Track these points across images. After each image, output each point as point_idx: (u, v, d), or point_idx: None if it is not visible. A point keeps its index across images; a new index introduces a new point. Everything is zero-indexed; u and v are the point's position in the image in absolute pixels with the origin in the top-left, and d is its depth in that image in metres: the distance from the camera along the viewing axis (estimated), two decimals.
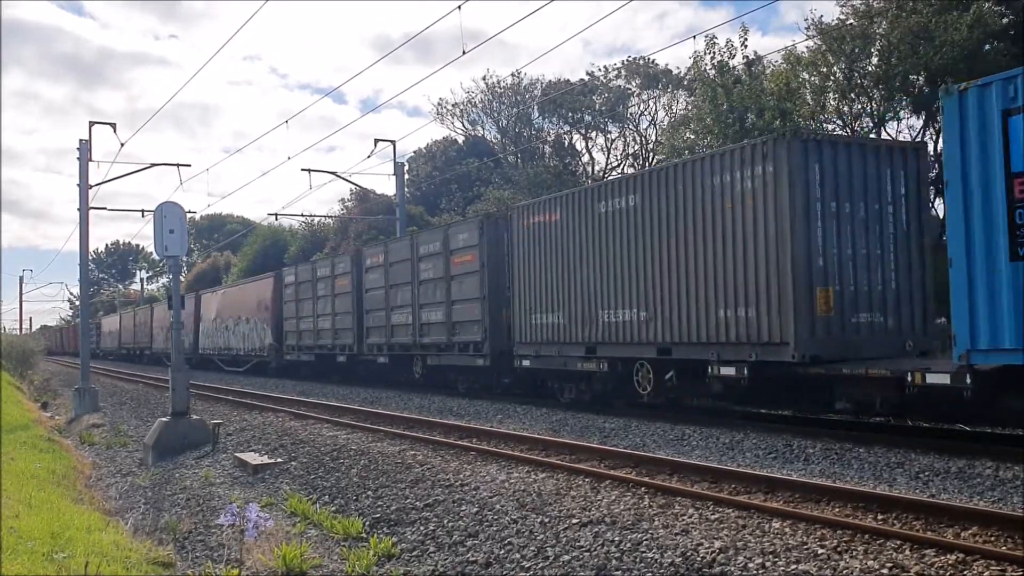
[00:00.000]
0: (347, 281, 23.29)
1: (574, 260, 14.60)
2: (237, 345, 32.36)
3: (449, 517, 7.72)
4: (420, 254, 19.61)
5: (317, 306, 25.19)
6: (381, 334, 21.37)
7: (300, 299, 26.57)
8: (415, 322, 19.58)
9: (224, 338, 34.18)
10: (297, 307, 26.84)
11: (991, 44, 19.28)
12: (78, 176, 23.17)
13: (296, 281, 27.17)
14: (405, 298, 20.08)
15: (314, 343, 25.55)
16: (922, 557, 5.58)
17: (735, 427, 11.63)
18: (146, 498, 10.58)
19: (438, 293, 18.74)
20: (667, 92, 39.59)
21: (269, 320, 28.81)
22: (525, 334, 15.88)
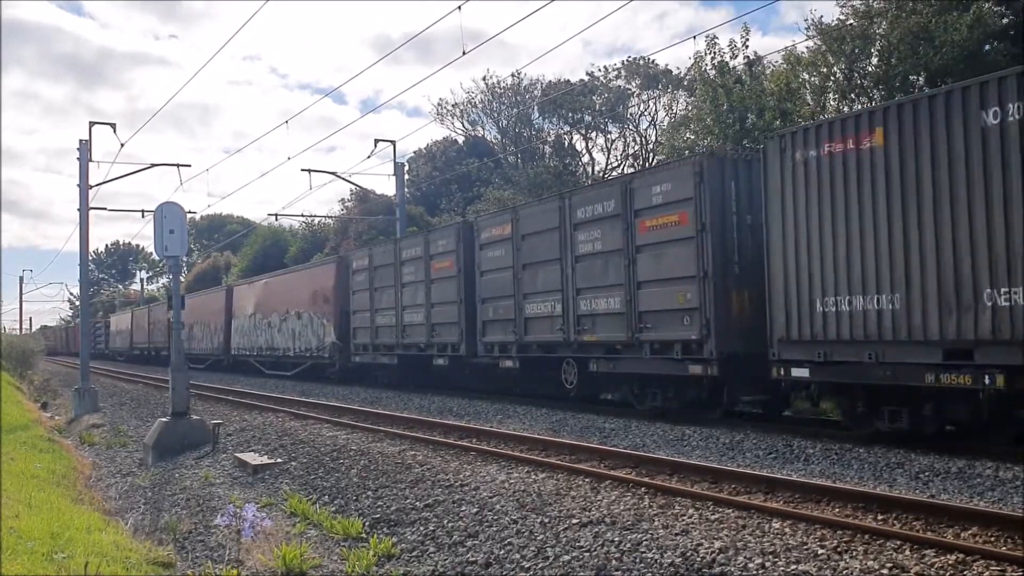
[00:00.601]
0: (450, 262, 18.15)
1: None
2: (284, 344, 27.66)
3: (449, 517, 7.72)
4: (577, 219, 14.20)
5: (402, 295, 20.19)
6: (506, 330, 16.22)
7: (377, 287, 21.45)
8: (568, 313, 14.39)
9: (266, 336, 29.43)
10: (372, 297, 21.68)
11: (991, 44, 19.27)
12: (78, 176, 23.19)
13: (370, 266, 22.01)
14: (551, 281, 14.89)
15: (397, 341, 20.39)
16: (922, 557, 5.58)
17: (735, 427, 11.63)
18: (146, 498, 10.58)
19: (611, 272, 13.45)
20: (667, 92, 39.59)
21: (331, 314, 23.96)
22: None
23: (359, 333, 22.51)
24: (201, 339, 37.46)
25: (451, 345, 18.14)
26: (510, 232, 16.21)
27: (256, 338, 30.44)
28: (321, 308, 24.87)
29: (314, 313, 25.37)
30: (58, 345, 78.25)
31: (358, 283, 22.63)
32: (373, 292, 21.67)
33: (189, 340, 36.94)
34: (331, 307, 24.14)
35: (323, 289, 24.91)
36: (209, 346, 36.43)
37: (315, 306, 25.26)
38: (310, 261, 32.89)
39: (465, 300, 17.50)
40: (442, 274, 18.46)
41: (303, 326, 26.16)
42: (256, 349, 30.43)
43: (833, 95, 21.91)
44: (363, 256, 23.01)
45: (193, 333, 37.35)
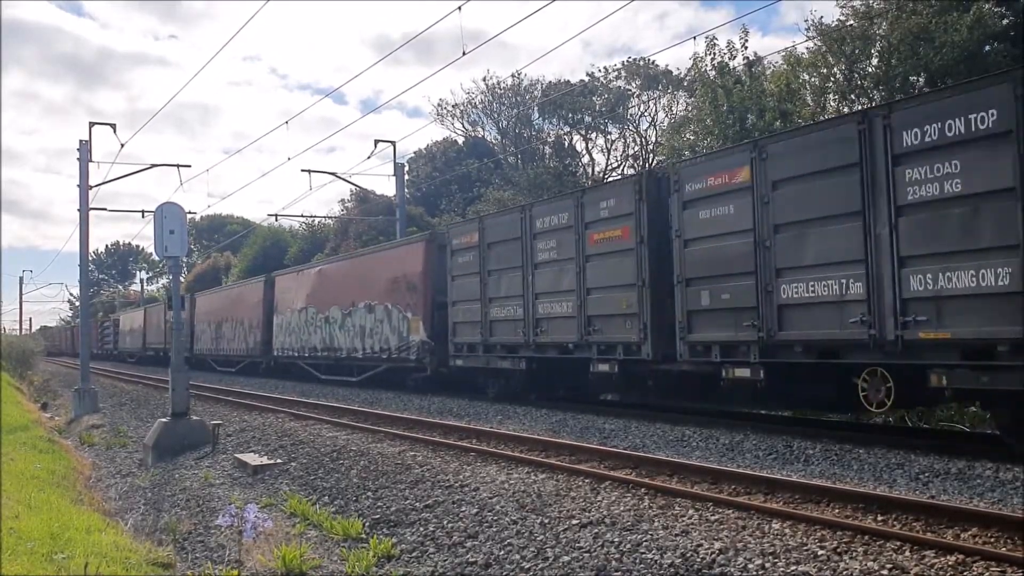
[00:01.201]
0: (623, 230, 13.31)
1: None
2: (349, 344, 23.03)
3: (449, 518, 7.72)
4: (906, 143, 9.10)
5: (534, 279, 15.25)
6: (729, 322, 11.30)
7: (493, 270, 16.49)
8: (874, 295, 9.46)
9: (323, 335, 24.72)
10: (484, 283, 16.66)
11: (991, 45, 19.28)
12: (78, 176, 23.23)
13: (481, 242, 16.88)
14: (834, 251, 9.94)
15: (526, 339, 15.40)
16: (922, 558, 5.58)
17: (735, 428, 11.63)
18: (146, 499, 10.58)
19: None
20: (667, 93, 39.60)
21: (420, 306, 19.47)
22: None
23: (461, 330, 17.52)
24: (232, 338, 33.01)
25: (623, 345, 13.27)
26: (737, 180, 11.12)
27: (308, 337, 25.65)
28: (404, 299, 20.22)
29: (393, 305, 20.69)
30: (62, 345, 76.82)
31: (460, 266, 17.54)
32: (485, 276, 16.66)
33: (216, 340, 34.43)
34: (419, 297, 19.52)
35: (407, 275, 20.20)
36: (243, 346, 31.77)
37: (394, 296, 20.65)
38: (389, 242, 26.86)
39: (651, 282, 12.78)
40: (607, 247, 13.62)
41: (377, 322, 21.52)
42: (308, 350, 25.65)
43: (833, 96, 21.92)
44: (468, 231, 17.56)
45: (221, 332, 34.15)
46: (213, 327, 35.22)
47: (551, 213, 14.95)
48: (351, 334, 22.90)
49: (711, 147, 21.09)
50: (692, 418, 12.67)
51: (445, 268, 18.25)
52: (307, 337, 25.80)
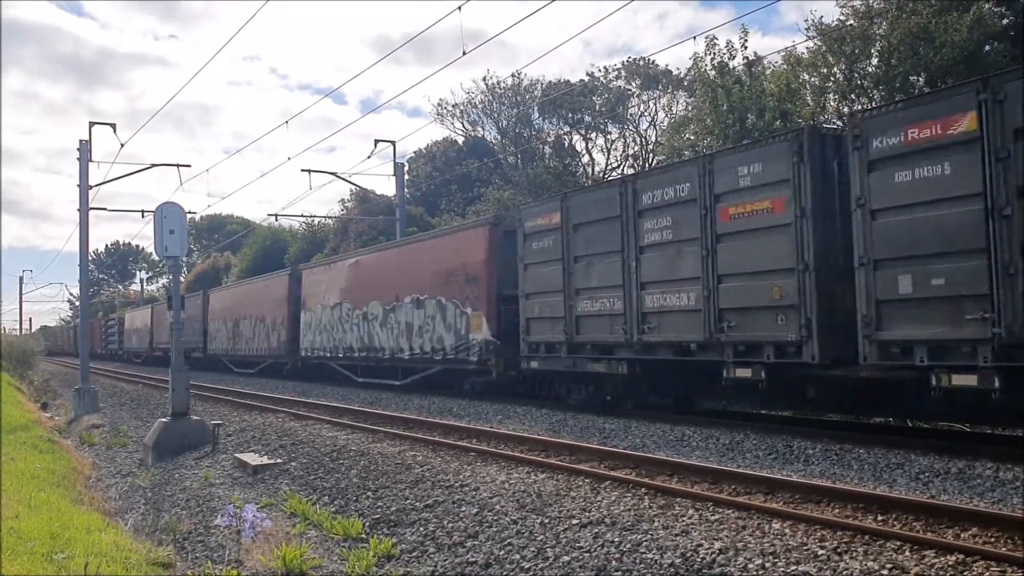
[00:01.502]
0: (774, 202, 10.77)
1: None
2: (392, 344, 20.63)
3: (449, 518, 7.72)
4: None
5: (639, 266, 12.77)
6: (943, 315, 8.86)
7: (581, 256, 13.95)
8: None
9: (360, 333, 22.29)
10: (568, 272, 14.17)
11: (991, 45, 19.29)
12: (78, 176, 23.26)
13: (564, 224, 14.31)
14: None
15: (629, 338, 12.88)
16: (922, 558, 5.58)
17: (735, 428, 11.62)
18: (146, 499, 10.58)
19: None
20: (667, 93, 39.60)
21: (482, 300, 17.11)
22: None
23: (537, 327, 14.99)
24: (252, 338, 30.66)
25: (774, 346, 10.73)
26: (975, 127, 8.56)
27: (343, 335, 23.21)
28: (462, 292, 17.79)
29: (448, 300, 18.27)
30: (65, 345, 75.65)
31: (536, 252, 15.01)
32: (570, 263, 14.19)
33: (233, 339, 32.33)
34: (481, 290, 17.13)
35: (466, 265, 17.67)
36: (264, 346, 29.51)
37: (450, 289, 18.24)
38: (439, 228, 24.96)
39: (816, 265, 10.26)
40: (749, 223, 11.04)
41: (427, 318, 19.06)
42: (343, 350, 23.23)
43: (833, 96, 21.92)
44: (546, 211, 14.92)
45: (239, 331, 31.90)
46: (229, 326, 33.08)
47: (665, 185, 12.41)
48: (395, 332, 20.53)
49: (711, 147, 21.07)
50: (692, 418, 12.66)
51: (513, 255, 15.77)
52: (341, 336, 23.37)
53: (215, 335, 34.91)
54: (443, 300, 18.53)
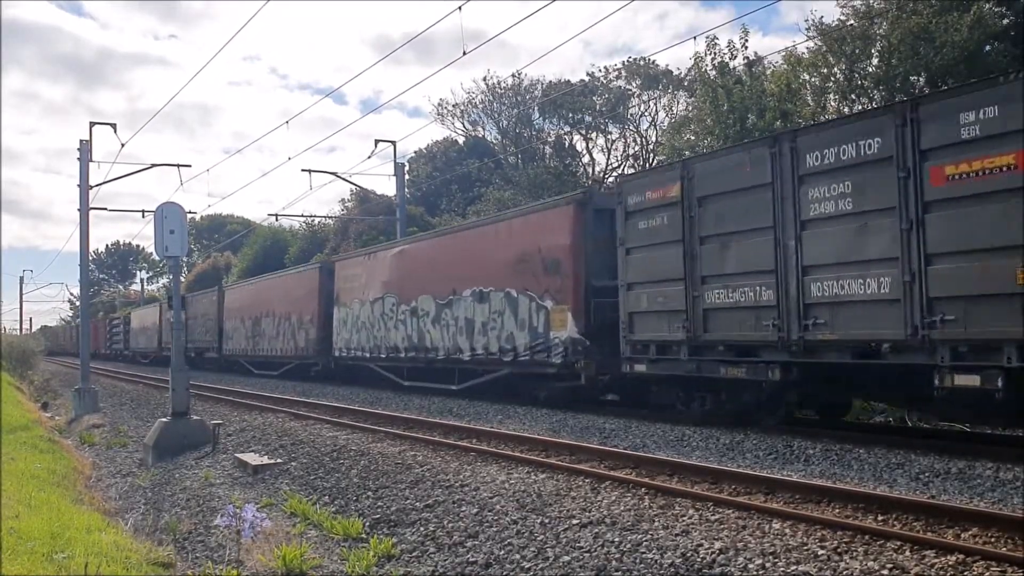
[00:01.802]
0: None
1: None
2: (446, 343, 18.28)
3: (449, 518, 7.72)
4: None
5: (800, 246, 10.29)
6: None
7: (710, 235, 11.58)
8: None
9: (407, 332, 19.84)
10: (690, 255, 11.81)
11: (991, 45, 19.28)
12: (78, 176, 23.26)
13: (686, 196, 11.91)
14: None
15: (786, 336, 10.46)
16: (922, 558, 5.58)
17: (735, 428, 11.61)
18: (146, 498, 10.59)
19: None
20: (667, 93, 39.59)
21: (566, 292, 14.62)
22: None
23: (643, 323, 12.55)
24: (275, 337, 28.69)
25: (1019, 345, 8.23)
26: None
27: (385, 333, 20.99)
28: (538, 283, 15.31)
29: (521, 292, 15.81)
30: (67, 345, 74.19)
31: (643, 233, 12.52)
32: (693, 245, 11.73)
33: (253, 339, 30.53)
34: (565, 280, 14.65)
35: (544, 251, 15.22)
36: (290, 346, 27.35)
37: (523, 280, 15.74)
38: (509, 210, 21.66)
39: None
40: (977, 187, 8.53)
41: (493, 314, 16.68)
42: (386, 350, 21.03)
43: (834, 96, 21.92)
44: (659, 182, 12.36)
45: (260, 330, 30.06)
46: (248, 324, 31.16)
47: (840, 141, 9.84)
48: (451, 330, 18.02)
49: (711, 147, 21.07)
50: (692, 418, 12.64)
51: (607, 238, 13.72)
52: (384, 334, 21.00)
53: (232, 334, 33.12)
54: (514, 293, 15.96)
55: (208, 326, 35.21)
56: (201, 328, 36.32)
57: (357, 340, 22.63)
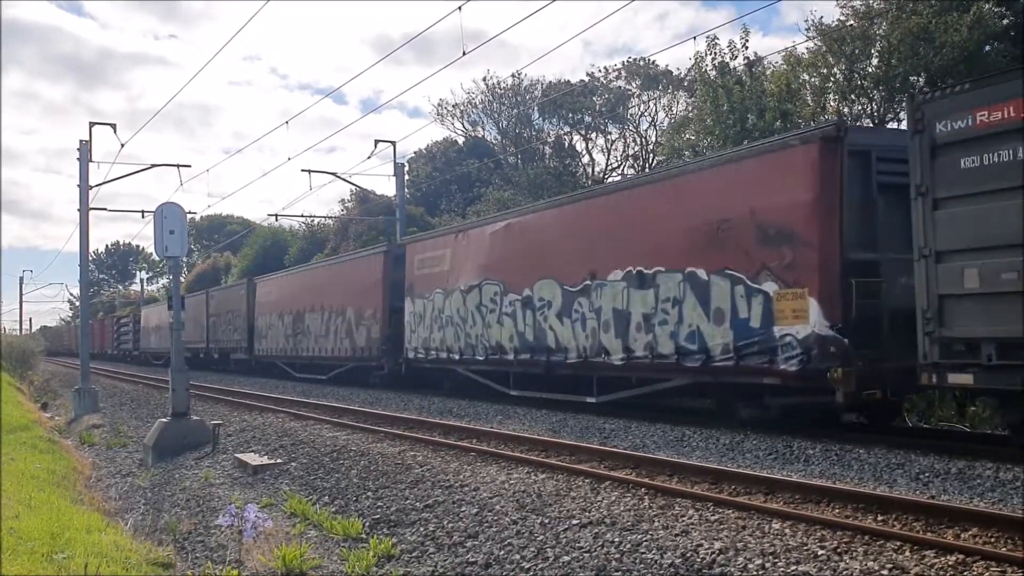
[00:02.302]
0: None
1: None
2: (579, 343, 14.39)
3: (449, 518, 7.72)
4: None
5: None
6: None
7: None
8: None
9: (512, 327, 16.13)
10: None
11: (991, 45, 19.29)
12: (78, 176, 23.24)
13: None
14: None
15: None
16: (922, 558, 5.58)
17: (735, 428, 11.60)
18: (146, 499, 10.58)
19: None
20: (667, 93, 39.60)
21: (809, 268, 10.49)
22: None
23: (962, 311, 8.62)
24: (323, 335, 24.98)
25: None
26: None
27: (483, 330, 17.08)
28: (750, 259, 11.23)
29: (712, 271, 11.81)
30: (72, 345, 70.82)
31: (968, 176, 8.57)
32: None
33: (294, 338, 26.60)
34: (806, 254, 10.52)
35: (761, 213, 11.09)
36: (344, 346, 23.54)
37: (718, 255, 11.73)
38: (694, 160, 17.09)
39: None
40: None
41: (662, 303, 12.67)
42: (484, 350, 17.08)
43: (833, 96, 21.93)
44: (998, 95, 8.32)
45: (303, 327, 26.32)
46: (288, 321, 27.30)
47: None
48: (588, 325, 14.15)
49: (712, 147, 21.07)
50: (692, 418, 12.65)
51: (864, 192, 10.40)
52: (480, 331, 17.16)
53: (264, 333, 29.20)
54: (702, 273, 11.96)
55: (236, 324, 31.53)
56: (228, 327, 32.38)
57: (440, 339, 18.56)
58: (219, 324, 34.01)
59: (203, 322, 34.63)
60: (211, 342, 34.47)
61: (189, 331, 32.92)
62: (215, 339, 33.84)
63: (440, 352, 18.65)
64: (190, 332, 33.43)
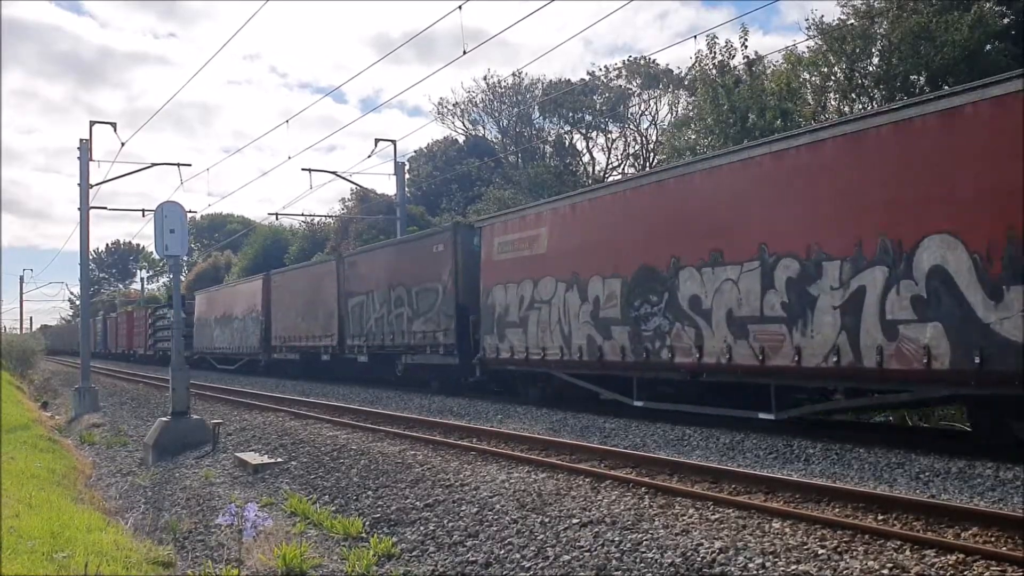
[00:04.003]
0: None
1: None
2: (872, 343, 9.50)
3: (449, 517, 7.72)
4: None
5: None
6: None
7: None
8: None
9: (657, 319, 12.61)
10: None
11: (992, 44, 19.28)
12: (78, 175, 23.20)
13: None
14: None
15: None
16: (922, 557, 5.57)
17: (735, 427, 11.60)
18: (146, 498, 10.58)
19: None
20: (668, 92, 39.60)
21: None
22: None
23: None
24: (387, 319, 20.85)
25: None
26: None
27: (594, 331, 13.89)
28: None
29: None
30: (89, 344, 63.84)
31: None
32: None
33: (422, 332, 19.35)
34: None
35: None
36: (426, 336, 19.19)
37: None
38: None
39: None
40: None
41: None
42: (592, 350, 13.88)
43: (834, 95, 21.92)
44: None
45: (363, 310, 22.29)
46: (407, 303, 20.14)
47: None
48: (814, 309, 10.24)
49: (712, 146, 21.05)
50: (692, 417, 12.64)
51: None
52: (589, 332, 14.03)
53: (384, 324, 21.32)
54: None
55: (322, 312, 25.09)
56: (311, 318, 25.81)
57: (538, 339, 15.26)
58: (306, 315, 26.31)
59: (331, 307, 24.55)
60: (311, 339, 25.95)
61: (288, 321, 27.49)
62: (311, 335, 25.89)
63: (532, 353, 15.47)
64: (293, 322, 27.10)
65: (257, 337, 29.98)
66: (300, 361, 27.31)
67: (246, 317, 31.41)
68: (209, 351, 36.05)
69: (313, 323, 25.70)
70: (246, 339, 31.32)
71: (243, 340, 31.66)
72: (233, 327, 32.86)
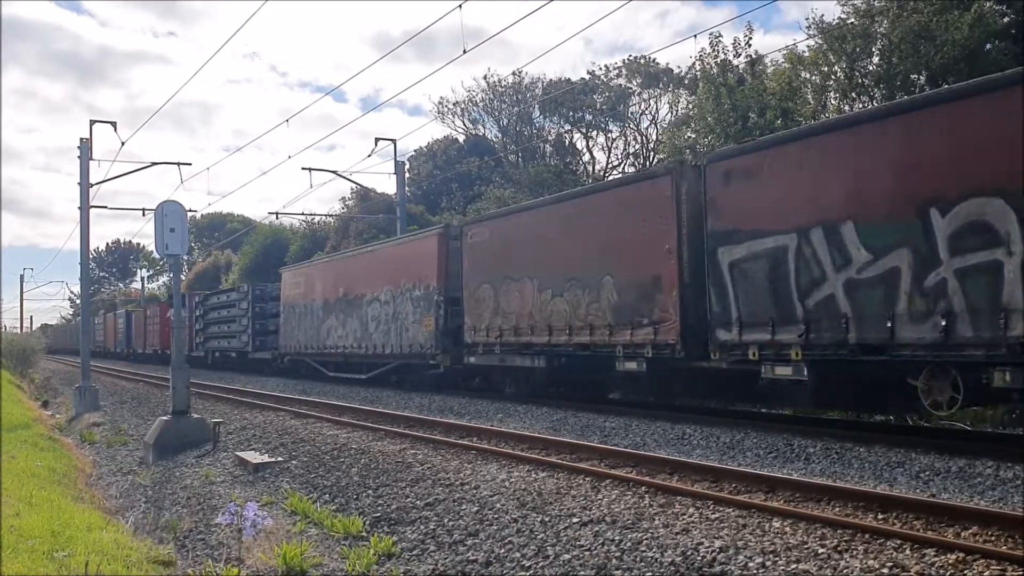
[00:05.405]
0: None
1: None
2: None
3: (449, 516, 7.72)
4: None
5: None
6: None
7: None
8: None
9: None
10: None
11: (992, 43, 19.28)
12: (78, 174, 23.21)
13: None
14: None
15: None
16: (922, 557, 5.57)
17: (736, 426, 11.60)
18: (146, 497, 10.58)
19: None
20: (668, 91, 39.60)
21: None
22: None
23: None
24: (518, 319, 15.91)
25: None
26: None
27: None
28: None
29: None
30: (109, 343, 56.14)
31: None
32: None
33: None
34: None
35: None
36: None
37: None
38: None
39: None
40: None
41: None
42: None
43: (834, 94, 21.92)
44: None
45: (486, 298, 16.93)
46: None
47: None
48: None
49: (712, 146, 21.04)
50: (692, 416, 12.65)
51: None
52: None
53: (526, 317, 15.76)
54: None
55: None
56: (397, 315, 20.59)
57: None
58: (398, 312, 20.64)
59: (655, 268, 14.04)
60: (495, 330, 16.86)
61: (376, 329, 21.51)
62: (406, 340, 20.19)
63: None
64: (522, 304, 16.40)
65: (429, 330, 19.22)
66: (547, 369, 15.85)
67: (397, 298, 20.74)
68: (314, 352, 25.47)
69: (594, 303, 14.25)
70: (399, 333, 20.54)
71: (390, 335, 20.93)
72: (366, 315, 22.26)
